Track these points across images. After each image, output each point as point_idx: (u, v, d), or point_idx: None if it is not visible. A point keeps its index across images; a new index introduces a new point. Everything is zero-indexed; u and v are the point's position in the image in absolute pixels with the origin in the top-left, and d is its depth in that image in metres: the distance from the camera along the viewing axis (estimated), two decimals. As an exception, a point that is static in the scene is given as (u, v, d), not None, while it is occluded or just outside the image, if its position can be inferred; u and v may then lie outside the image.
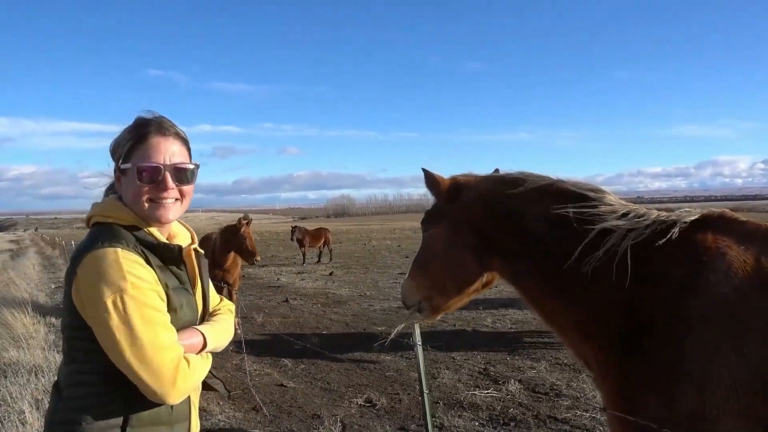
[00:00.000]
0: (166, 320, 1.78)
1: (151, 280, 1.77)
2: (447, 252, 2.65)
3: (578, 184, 2.42)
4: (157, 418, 1.82)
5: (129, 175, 1.88)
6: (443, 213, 2.70)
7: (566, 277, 2.28)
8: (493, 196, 2.53)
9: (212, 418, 5.98)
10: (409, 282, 2.84)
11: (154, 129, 1.90)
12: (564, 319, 2.38)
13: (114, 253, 1.72)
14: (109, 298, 1.67)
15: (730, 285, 1.94)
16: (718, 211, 2.21)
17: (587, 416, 5.66)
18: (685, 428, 1.88)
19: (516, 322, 10.30)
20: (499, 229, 2.49)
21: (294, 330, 10.45)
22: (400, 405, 6.32)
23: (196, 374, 1.83)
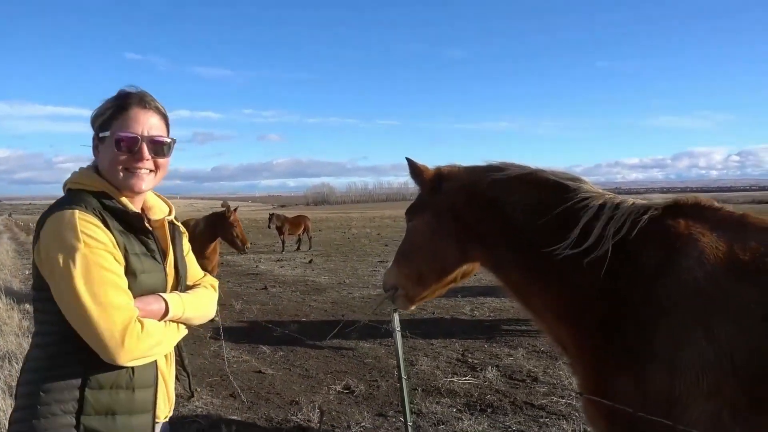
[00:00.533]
0: (120, 282, 1.81)
1: (106, 241, 1.81)
2: (429, 241, 2.69)
3: (557, 174, 2.47)
4: (116, 381, 1.85)
5: (106, 144, 1.94)
6: (426, 203, 2.75)
7: (545, 264, 2.33)
8: (474, 186, 2.58)
9: (190, 404, 5.95)
10: (390, 269, 2.90)
11: (135, 101, 1.96)
12: (542, 306, 2.42)
13: (71, 215, 1.78)
14: (61, 257, 1.73)
15: (702, 270, 1.98)
16: (692, 197, 2.25)
17: (563, 402, 5.73)
18: (656, 410, 1.92)
19: (494, 310, 10.39)
20: (481, 219, 2.53)
21: (273, 317, 10.43)
22: (378, 392, 6.34)
23: (152, 339, 1.85)
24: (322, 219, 55.61)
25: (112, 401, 1.84)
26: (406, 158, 2.91)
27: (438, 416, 5.51)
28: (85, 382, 1.80)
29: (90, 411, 1.80)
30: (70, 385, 1.80)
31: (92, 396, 1.80)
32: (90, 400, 1.80)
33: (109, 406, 1.83)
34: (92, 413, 1.80)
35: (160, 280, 2.00)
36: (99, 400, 1.81)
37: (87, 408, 1.80)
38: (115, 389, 1.84)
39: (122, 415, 1.85)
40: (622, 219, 2.19)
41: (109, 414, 1.83)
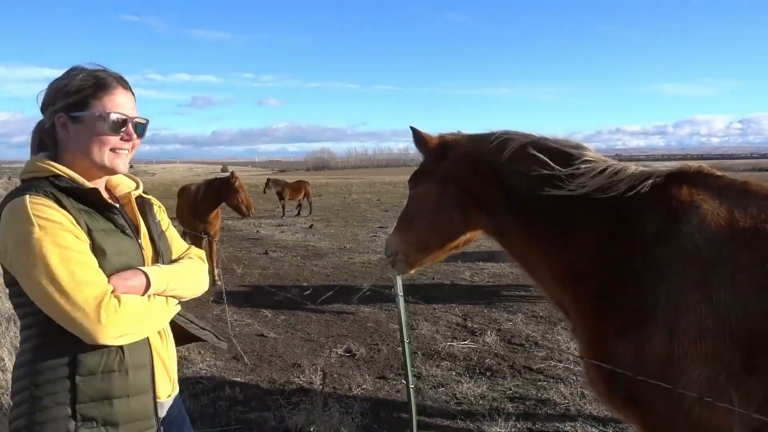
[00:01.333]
0: (86, 259, 1.75)
1: (63, 221, 1.75)
2: (434, 208, 2.73)
3: (559, 142, 2.49)
4: (107, 365, 1.79)
5: (86, 123, 1.88)
6: (431, 171, 2.78)
7: (547, 231, 2.38)
8: (479, 154, 2.61)
9: (193, 366, 6.06)
10: (393, 236, 2.96)
11: (116, 81, 1.93)
12: (545, 271, 2.47)
13: (20, 201, 1.74)
14: (20, 245, 1.70)
15: (703, 236, 2.01)
16: (695, 165, 2.28)
17: (561, 366, 5.84)
18: (654, 373, 1.96)
19: (493, 275, 10.47)
20: (485, 187, 2.57)
21: (274, 282, 10.51)
22: (378, 355, 6.44)
23: (133, 314, 1.78)
24: (322, 184, 55.57)
25: (106, 386, 1.79)
26: (410, 127, 2.92)
27: (438, 379, 5.62)
28: (74, 369, 1.76)
29: (84, 399, 1.76)
30: (59, 375, 1.76)
31: (84, 383, 1.76)
32: (82, 388, 1.76)
33: (103, 391, 1.79)
34: (87, 400, 1.77)
35: (135, 256, 1.93)
36: (92, 386, 1.77)
37: (80, 396, 1.76)
38: (107, 373, 1.80)
39: (119, 399, 1.81)
40: (623, 187, 2.22)
41: (105, 399, 1.79)
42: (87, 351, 1.76)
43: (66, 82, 1.89)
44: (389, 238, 3.01)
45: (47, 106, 1.91)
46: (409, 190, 2.93)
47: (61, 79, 1.91)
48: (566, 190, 2.30)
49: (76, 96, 1.87)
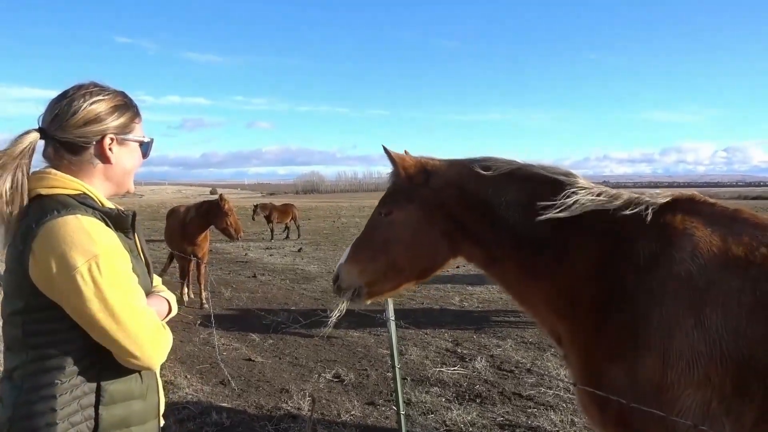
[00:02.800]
0: (137, 287, 1.75)
1: (118, 244, 1.73)
2: (416, 236, 2.60)
3: (547, 168, 2.48)
4: (128, 392, 1.79)
5: (129, 146, 1.91)
6: (411, 195, 2.63)
7: (540, 259, 2.37)
8: (464, 183, 2.55)
9: (179, 391, 5.96)
10: (349, 265, 2.73)
11: (137, 105, 1.97)
12: (539, 299, 2.45)
13: (76, 220, 1.66)
14: (84, 266, 1.61)
15: (695, 263, 2.04)
16: (688, 193, 2.32)
17: (551, 393, 5.80)
18: (648, 398, 1.97)
19: (483, 301, 10.45)
20: (473, 216, 2.52)
21: (262, 305, 10.43)
22: (367, 380, 6.38)
23: (170, 339, 1.83)
24: (311, 207, 55.52)
25: (127, 413, 1.78)
26: (382, 146, 2.75)
27: (427, 405, 5.56)
28: (99, 399, 1.73)
29: (106, 427, 1.74)
30: (84, 405, 1.71)
31: (106, 412, 1.73)
32: (104, 416, 1.73)
33: (124, 419, 1.78)
34: (108, 428, 1.74)
35: (148, 282, 1.95)
36: (114, 414, 1.75)
37: (102, 424, 1.73)
38: (129, 401, 1.79)
39: (137, 426, 1.80)
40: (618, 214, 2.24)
41: (124, 427, 1.77)
42: (112, 379, 1.75)
43: (105, 105, 1.84)
44: (344, 267, 2.74)
45: (91, 123, 1.81)
46: (380, 214, 2.72)
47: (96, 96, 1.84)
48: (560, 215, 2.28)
49: (125, 119, 1.89)
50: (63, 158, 1.82)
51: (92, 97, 1.83)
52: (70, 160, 1.82)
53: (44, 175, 1.79)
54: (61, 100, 1.83)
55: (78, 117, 1.79)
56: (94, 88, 1.86)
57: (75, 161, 1.83)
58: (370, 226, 2.77)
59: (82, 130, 1.80)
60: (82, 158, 1.83)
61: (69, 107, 1.80)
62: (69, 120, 1.79)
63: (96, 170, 1.86)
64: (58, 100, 1.83)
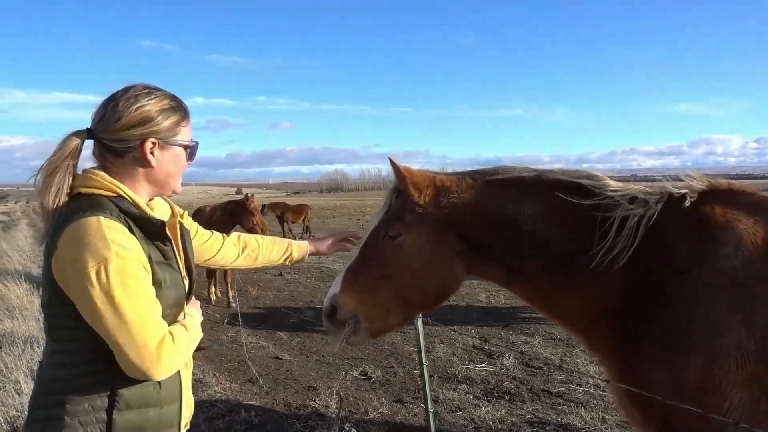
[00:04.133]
0: (151, 293, 1.73)
1: (136, 249, 1.71)
2: (429, 262, 2.36)
3: (569, 173, 2.31)
4: (144, 399, 1.77)
5: (173, 150, 1.91)
6: (422, 218, 2.38)
7: (573, 269, 2.21)
8: (481, 199, 2.36)
9: (208, 389, 6.01)
10: (346, 296, 2.45)
11: (186, 107, 1.97)
12: (569, 308, 2.29)
13: (96, 222, 1.67)
14: (92, 268, 1.61)
15: (740, 258, 1.95)
16: (724, 183, 2.20)
17: (581, 390, 5.71)
18: (693, 399, 1.89)
19: (510, 297, 10.35)
20: (493, 234, 2.33)
21: (289, 303, 10.47)
22: (395, 378, 6.36)
23: (184, 350, 1.79)
24: (335, 206, 55.66)
25: (141, 420, 1.76)
26: (389, 159, 2.48)
27: (455, 403, 5.52)
28: (113, 403, 1.72)
29: None
30: (98, 407, 1.71)
31: (120, 417, 1.72)
32: (118, 421, 1.72)
33: (137, 425, 1.76)
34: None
35: (181, 290, 1.92)
36: (128, 419, 1.74)
37: (115, 429, 1.71)
38: (144, 408, 1.77)
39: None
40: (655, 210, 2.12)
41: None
42: (128, 385, 1.73)
43: (153, 107, 1.85)
44: (342, 297, 2.45)
45: (133, 126, 1.81)
46: (385, 237, 2.41)
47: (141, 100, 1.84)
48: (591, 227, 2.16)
49: (170, 123, 1.88)
50: (107, 160, 1.86)
51: (137, 101, 1.83)
52: (113, 162, 1.85)
53: (88, 174, 1.83)
54: (108, 102, 1.85)
55: (122, 121, 1.81)
56: (142, 91, 1.86)
57: (117, 163, 1.85)
58: (369, 250, 2.47)
59: (125, 134, 1.82)
60: (124, 161, 1.85)
61: (114, 111, 1.82)
62: (113, 124, 1.81)
63: (138, 172, 1.87)
64: (107, 102, 1.85)
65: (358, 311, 2.41)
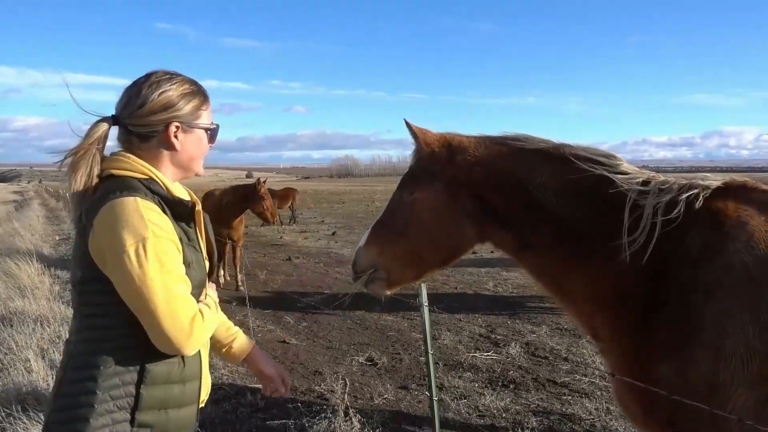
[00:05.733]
0: (183, 272, 1.80)
1: (170, 230, 1.79)
2: (440, 218, 2.42)
3: (588, 149, 2.32)
4: (169, 376, 1.83)
5: (195, 133, 1.97)
6: (435, 174, 2.44)
7: (583, 247, 2.21)
8: (496, 163, 2.38)
9: (215, 372, 6.05)
10: (368, 247, 2.56)
11: (206, 91, 2.03)
12: (576, 290, 2.28)
13: (134, 202, 1.73)
14: (131, 246, 1.68)
15: (751, 254, 1.92)
16: (739, 179, 2.18)
17: (586, 381, 5.72)
18: (699, 396, 1.86)
19: (518, 286, 10.35)
20: (505, 198, 2.34)
21: (297, 288, 10.52)
22: (400, 364, 6.39)
23: (210, 328, 1.88)
24: (345, 191, 55.69)
25: (166, 396, 1.82)
26: (404, 120, 2.56)
27: (460, 391, 5.54)
28: (142, 378, 1.78)
29: (144, 407, 1.78)
30: (126, 381, 1.76)
31: (147, 392, 1.78)
32: (145, 396, 1.77)
33: (162, 400, 1.82)
34: (146, 408, 1.78)
35: (203, 271, 1.99)
36: (153, 395, 1.79)
37: (142, 404, 1.77)
38: (169, 384, 1.82)
39: (173, 409, 1.85)
40: (669, 199, 2.09)
41: (162, 409, 1.81)
42: (155, 361, 1.79)
43: (174, 91, 1.91)
44: (361, 249, 2.58)
45: (157, 112, 1.88)
46: (402, 194, 2.54)
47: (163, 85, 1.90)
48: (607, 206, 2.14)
49: (191, 107, 1.94)
50: (132, 144, 1.93)
51: (159, 87, 1.90)
52: (139, 146, 1.92)
53: (119, 157, 1.89)
54: (131, 89, 1.92)
55: (145, 107, 1.88)
56: (163, 77, 1.93)
57: (144, 147, 1.92)
58: (390, 208, 2.59)
59: (149, 119, 1.89)
60: (149, 144, 1.92)
61: (137, 97, 1.89)
62: (138, 110, 1.88)
63: (163, 156, 1.94)
64: (129, 89, 1.93)
65: (377, 263, 2.53)
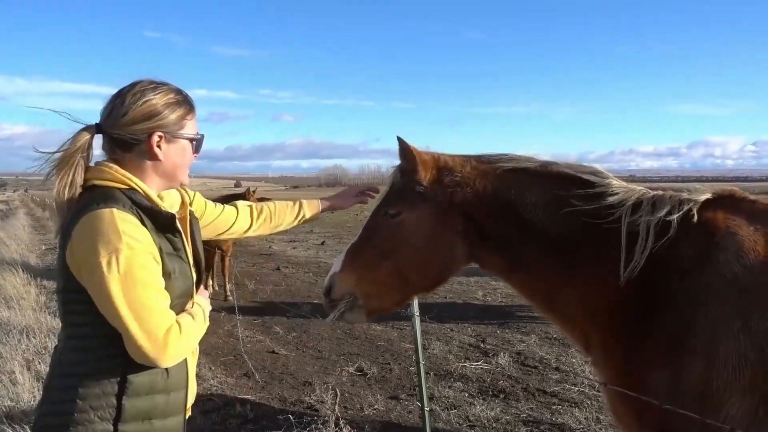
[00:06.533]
0: (160, 285, 1.79)
1: (146, 241, 1.77)
2: (431, 240, 2.38)
3: (574, 167, 2.33)
4: (152, 386, 1.82)
5: (180, 143, 1.95)
6: (424, 195, 2.39)
7: (575, 263, 2.23)
8: (483, 182, 2.38)
9: (204, 383, 6.01)
10: (345, 273, 2.47)
11: (192, 101, 2.02)
12: (569, 305, 2.29)
13: (110, 213, 1.73)
14: (104, 258, 1.68)
15: (740, 264, 1.95)
16: (728, 190, 2.21)
17: (576, 390, 5.73)
18: (691, 404, 1.88)
19: (506, 296, 10.36)
20: (494, 219, 2.35)
21: (286, 298, 10.48)
22: (390, 374, 6.37)
23: (190, 339, 1.85)
24: (334, 201, 55.64)
25: (150, 406, 1.81)
26: (397, 137, 2.51)
27: (450, 400, 5.53)
28: (123, 389, 1.76)
29: (127, 418, 1.77)
30: (107, 392, 1.75)
31: (129, 403, 1.77)
32: (127, 407, 1.76)
33: (146, 411, 1.81)
34: (129, 419, 1.77)
35: (189, 281, 1.97)
36: (136, 406, 1.78)
37: (124, 415, 1.76)
38: (152, 394, 1.81)
39: (158, 419, 1.83)
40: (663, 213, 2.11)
41: (146, 419, 1.80)
42: (137, 372, 1.78)
43: (158, 101, 1.90)
44: (337, 276, 2.48)
45: (139, 121, 1.86)
46: (385, 215, 2.44)
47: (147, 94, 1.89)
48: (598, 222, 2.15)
49: (176, 116, 1.93)
50: (116, 153, 1.92)
51: (143, 96, 1.89)
52: (122, 156, 1.91)
53: (102, 167, 1.88)
54: (116, 98, 1.92)
55: (128, 116, 1.86)
56: (148, 86, 1.92)
57: (126, 157, 1.91)
58: (370, 229, 2.49)
59: (131, 128, 1.87)
60: (132, 154, 1.91)
61: (121, 106, 1.88)
62: (120, 118, 1.87)
63: (146, 166, 1.93)
64: (114, 97, 1.92)
65: (355, 289, 2.44)
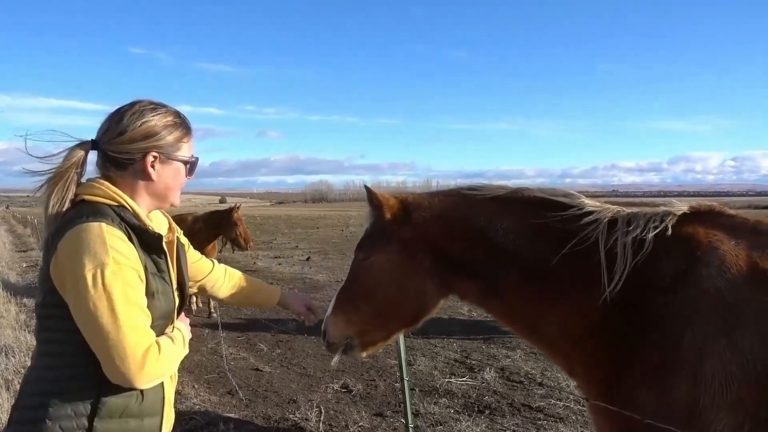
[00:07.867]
0: (143, 302, 1.77)
1: (133, 258, 1.76)
2: (399, 280, 2.42)
3: (547, 191, 2.34)
4: (126, 409, 1.78)
5: (174, 165, 1.96)
6: (391, 236, 2.44)
7: (554, 286, 2.21)
8: (452, 213, 2.40)
9: (187, 401, 5.94)
10: (335, 317, 2.55)
11: (190, 124, 2.04)
12: (554, 329, 2.27)
13: (98, 227, 1.72)
14: (89, 272, 1.66)
15: (723, 279, 1.94)
16: (707, 204, 2.22)
17: (561, 405, 5.73)
18: (678, 422, 1.87)
19: (492, 311, 10.37)
20: (465, 248, 2.35)
21: (270, 315, 10.38)
22: (376, 391, 6.33)
23: (168, 362, 1.81)
24: (319, 216, 55.59)
25: (122, 431, 1.77)
26: (364, 186, 2.56)
27: (436, 417, 5.51)
28: (96, 410, 1.73)
29: None
30: (79, 413, 1.72)
31: (101, 425, 1.73)
32: (98, 429, 1.73)
33: None
34: None
35: (171, 303, 1.94)
36: (108, 429, 1.74)
37: None
38: (125, 418, 1.77)
39: None
40: (639, 230, 2.10)
41: None
42: (111, 393, 1.74)
43: (156, 122, 1.91)
44: (330, 320, 2.56)
45: (137, 140, 1.87)
46: (358, 260, 2.54)
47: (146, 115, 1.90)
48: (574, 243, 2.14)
49: (173, 138, 1.94)
50: (109, 170, 1.92)
51: (142, 116, 1.90)
52: (115, 173, 1.91)
53: (93, 183, 1.89)
54: (114, 115, 1.92)
55: (125, 135, 1.87)
56: (147, 106, 1.93)
57: (119, 175, 1.91)
58: (352, 273, 2.58)
59: (128, 147, 1.88)
60: (125, 173, 1.91)
61: (118, 125, 1.89)
62: (117, 137, 1.88)
63: (138, 185, 1.93)
64: (112, 115, 1.93)
65: (347, 331, 2.52)
